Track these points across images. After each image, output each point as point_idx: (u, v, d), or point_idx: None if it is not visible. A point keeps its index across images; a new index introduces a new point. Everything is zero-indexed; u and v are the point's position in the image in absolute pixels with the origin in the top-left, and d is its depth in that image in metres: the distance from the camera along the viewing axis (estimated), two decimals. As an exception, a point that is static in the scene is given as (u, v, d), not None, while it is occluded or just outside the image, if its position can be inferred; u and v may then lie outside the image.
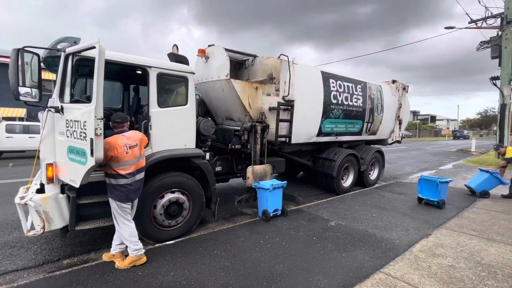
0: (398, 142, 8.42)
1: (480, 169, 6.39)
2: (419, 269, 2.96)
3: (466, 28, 14.66)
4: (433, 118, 70.59)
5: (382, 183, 7.66)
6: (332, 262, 3.11)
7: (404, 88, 7.98)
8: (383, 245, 3.57)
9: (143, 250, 2.97)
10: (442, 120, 75.16)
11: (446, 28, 15.00)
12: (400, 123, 8.07)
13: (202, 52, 4.95)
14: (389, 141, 8.14)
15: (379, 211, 5.00)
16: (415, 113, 61.07)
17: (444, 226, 4.33)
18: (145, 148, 3.18)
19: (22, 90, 2.53)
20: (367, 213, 4.86)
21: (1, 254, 3.33)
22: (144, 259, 2.95)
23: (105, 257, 3.02)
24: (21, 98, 2.53)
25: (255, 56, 5.37)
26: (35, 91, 2.64)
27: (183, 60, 4.16)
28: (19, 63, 2.50)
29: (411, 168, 11.10)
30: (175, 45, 4.63)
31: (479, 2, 13.50)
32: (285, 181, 4.57)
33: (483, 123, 67.99)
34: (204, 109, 5.56)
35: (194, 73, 3.94)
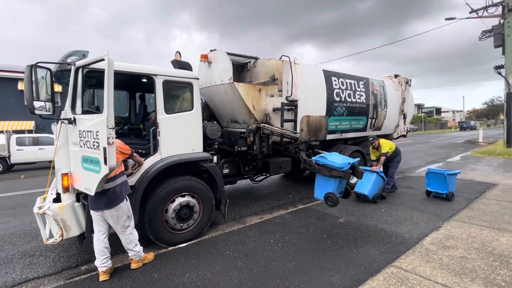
0: (404, 136, 8.40)
1: (364, 169, 4.93)
2: (430, 262, 2.98)
3: (467, 18, 14.56)
4: (438, 110, 69.72)
5: (390, 178, 7.63)
6: (344, 258, 3.15)
7: (407, 82, 7.97)
8: (393, 240, 3.59)
9: (102, 269, 2.85)
10: (447, 112, 74.21)
11: (446, 19, 14.93)
12: (404, 117, 8.06)
13: (204, 58, 5.04)
14: (395, 135, 8.13)
15: (388, 206, 5.01)
16: (419, 106, 60.39)
17: (454, 218, 4.32)
18: (129, 158, 3.02)
19: (36, 104, 2.64)
20: (375, 209, 4.88)
21: (21, 262, 3.45)
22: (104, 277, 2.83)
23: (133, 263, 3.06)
24: (36, 111, 2.64)
25: (256, 58, 5.44)
26: (48, 105, 2.75)
27: (186, 66, 4.25)
28: (33, 78, 2.61)
29: (418, 161, 11.01)
30: (177, 52, 4.73)
31: (479, -9, 13.41)
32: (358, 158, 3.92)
33: (489, 113, 66.92)
34: (209, 113, 5.64)
35: (198, 79, 4.03)
